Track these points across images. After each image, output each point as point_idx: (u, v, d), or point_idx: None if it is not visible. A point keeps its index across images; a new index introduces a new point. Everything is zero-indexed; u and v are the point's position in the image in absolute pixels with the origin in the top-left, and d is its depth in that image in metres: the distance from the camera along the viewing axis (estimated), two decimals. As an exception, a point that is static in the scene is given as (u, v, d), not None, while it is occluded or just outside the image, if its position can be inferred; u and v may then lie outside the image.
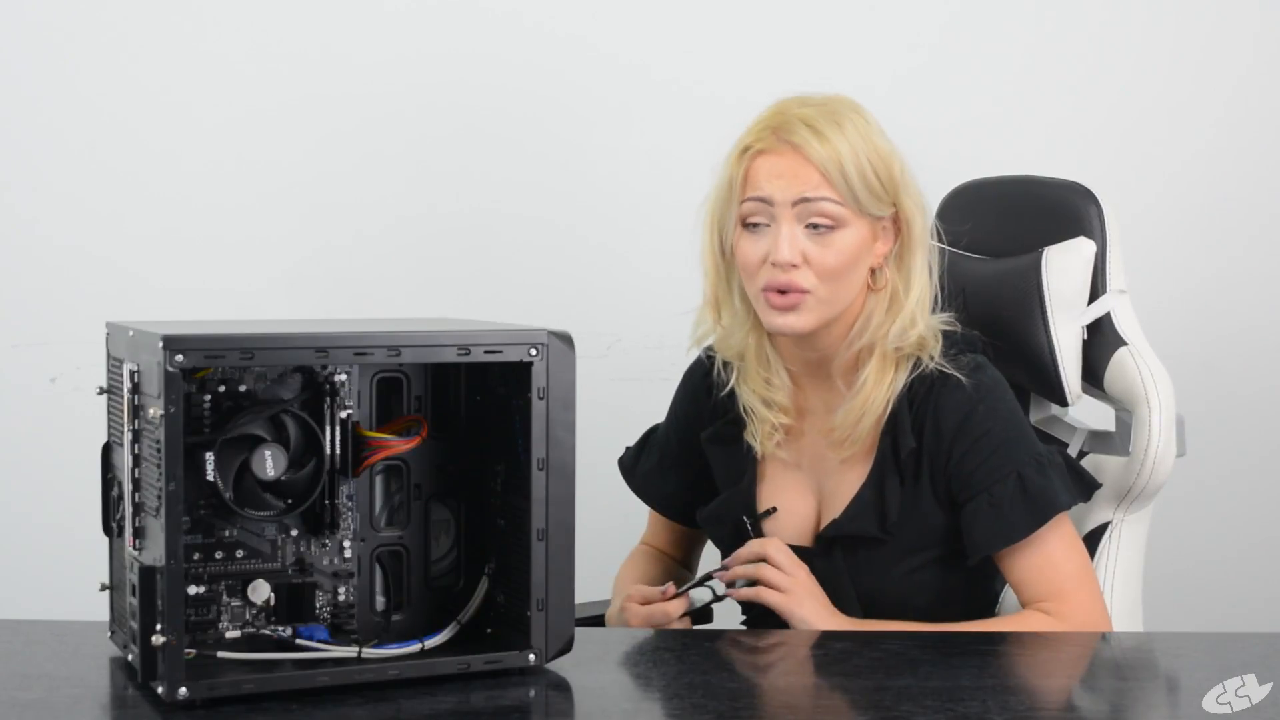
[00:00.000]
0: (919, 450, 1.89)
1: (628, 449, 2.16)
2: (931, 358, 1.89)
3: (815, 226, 1.85)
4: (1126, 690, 1.65)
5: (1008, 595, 2.02)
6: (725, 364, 2.00)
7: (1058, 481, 1.87)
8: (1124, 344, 2.08)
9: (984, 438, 1.87)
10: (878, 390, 1.88)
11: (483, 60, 2.83)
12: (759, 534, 1.96)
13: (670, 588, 1.89)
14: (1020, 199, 2.23)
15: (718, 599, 1.96)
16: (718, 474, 2.04)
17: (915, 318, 1.89)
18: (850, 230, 1.86)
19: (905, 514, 1.89)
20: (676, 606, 1.87)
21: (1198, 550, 2.88)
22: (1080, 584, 1.87)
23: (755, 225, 1.87)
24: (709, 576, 1.93)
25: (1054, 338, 2.07)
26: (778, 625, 1.96)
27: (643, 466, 2.13)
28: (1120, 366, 2.08)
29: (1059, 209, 2.13)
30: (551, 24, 2.83)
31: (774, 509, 1.97)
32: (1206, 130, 2.89)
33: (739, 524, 1.97)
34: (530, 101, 2.84)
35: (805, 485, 1.97)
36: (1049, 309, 2.08)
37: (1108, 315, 2.10)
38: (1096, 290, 2.09)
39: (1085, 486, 1.94)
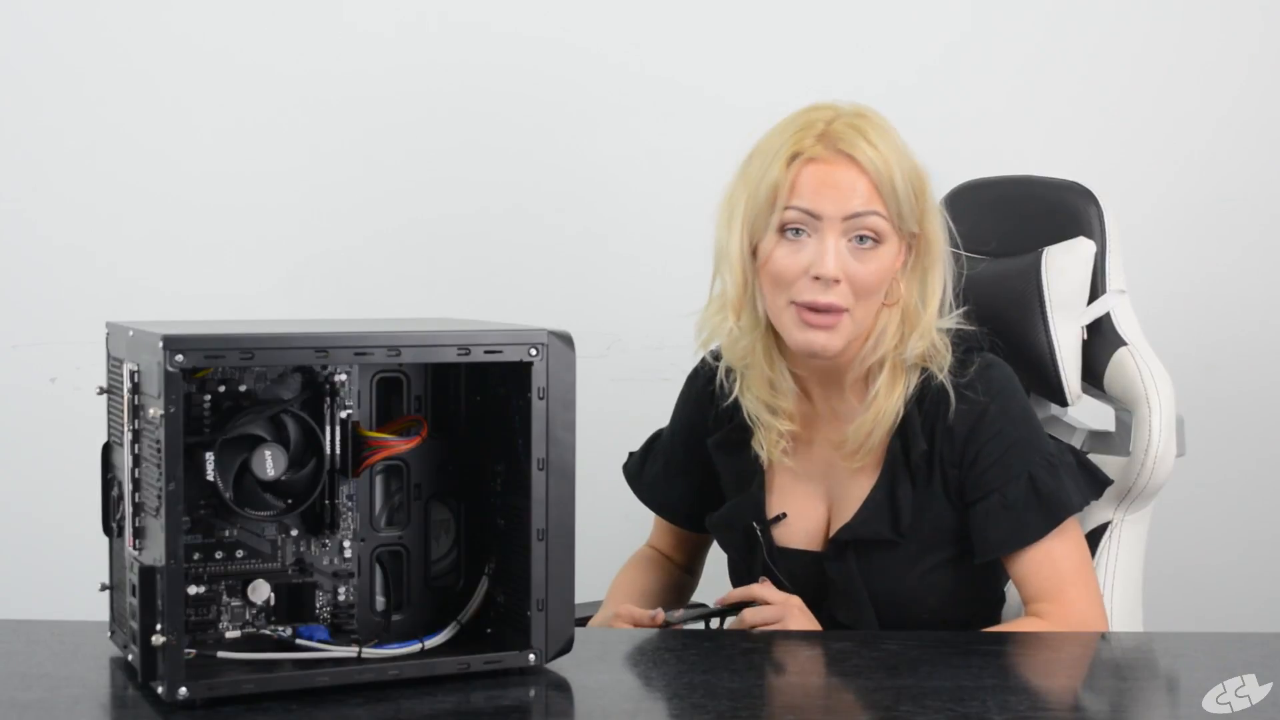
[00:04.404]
0: (930, 452, 1.88)
1: (631, 454, 2.15)
2: (941, 369, 1.87)
3: (861, 239, 1.82)
4: (1126, 690, 1.65)
5: (1013, 590, 2.02)
6: (727, 371, 1.97)
7: (1069, 482, 1.88)
8: (1124, 344, 2.08)
9: (997, 437, 1.86)
10: (889, 402, 1.87)
11: (482, 62, 2.83)
12: (769, 540, 1.95)
13: (660, 615, 1.86)
14: (1020, 199, 2.23)
15: (709, 628, 1.92)
16: (725, 480, 2.03)
17: (929, 330, 1.88)
18: (888, 247, 1.84)
19: (917, 516, 1.89)
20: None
21: (1198, 550, 2.88)
22: (1076, 583, 1.87)
23: (794, 233, 1.83)
24: (699, 610, 1.90)
25: (1054, 338, 2.07)
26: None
27: (648, 473, 2.12)
28: (1120, 366, 2.08)
29: (1059, 209, 2.13)
30: (551, 26, 2.83)
31: (783, 515, 1.96)
32: (1207, 130, 2.89)
33: (749, 530, 1.96)
34: (530, 102, 2.84)
35: (814, 491, 1.96)
36: (1049, 309, 2.08)
37: (1107, 315, 2.10)
38: (1096, 290, 2.10)
39: (1097, 484, 1.94)
